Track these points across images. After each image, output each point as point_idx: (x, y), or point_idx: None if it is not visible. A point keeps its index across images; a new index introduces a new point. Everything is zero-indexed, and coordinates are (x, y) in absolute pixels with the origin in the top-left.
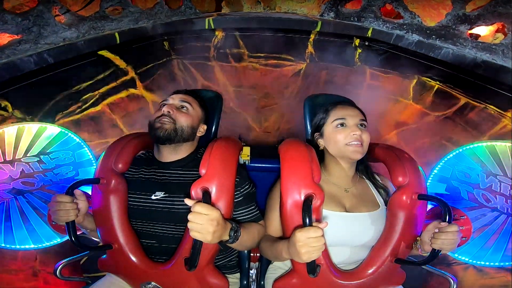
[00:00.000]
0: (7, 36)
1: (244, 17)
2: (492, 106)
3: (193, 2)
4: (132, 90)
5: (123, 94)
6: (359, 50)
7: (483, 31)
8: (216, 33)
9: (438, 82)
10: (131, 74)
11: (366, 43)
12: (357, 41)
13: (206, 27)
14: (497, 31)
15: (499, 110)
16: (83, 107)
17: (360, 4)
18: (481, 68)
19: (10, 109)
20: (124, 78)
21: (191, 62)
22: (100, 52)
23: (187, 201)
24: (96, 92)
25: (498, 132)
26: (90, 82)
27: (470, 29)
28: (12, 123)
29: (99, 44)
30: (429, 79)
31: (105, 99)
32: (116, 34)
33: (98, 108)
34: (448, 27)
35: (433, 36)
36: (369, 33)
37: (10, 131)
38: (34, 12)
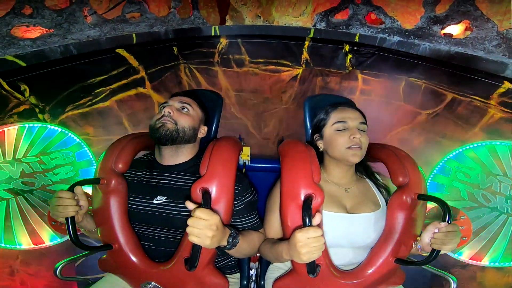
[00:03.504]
0: (38, 31)
1: (246, 25)
2: (476, 97)
3: (201, 13)
4: (140, 89)
5: (132, 92)
6: (350, 55)
7: (455, 30)
8: (221, 40)
9: (424, 81)
10: (142, 73)
11: (355, 48)
12: (347, 47)
13: (212, 33)
14: (466, 29)
15: (483, 100)
16: (94, 100)
17: (347, 14)
18: (456, 59)
19: (27, 94)
20: (135, 76)
21: (197, 67)
22: (117, 50)
23: (188, 204)
24: (108, 87)
25: (487, 122)
26: (104, 76)
27: (442, 28)
28: (25, 109)
29: (118, 42)
30: (416, 79)
31: (115, 95)
32: (134, 35)
33: (107, 103)
34: (423, 28)
35: (412, 36)
36: (357, 38)
37: (10, 131)
38: (68, 10)
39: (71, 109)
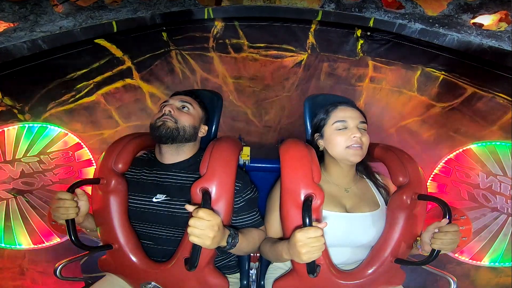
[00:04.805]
0: (3, 25)
1: (244, 6)
2: (500, 95)
3: None
4: (128, 80)
5: (118, 84)
6: (361, 41)
7: (486, 20)
8: (216, 23)
9: (443, 72)
10: (128, 63)
11: (368, 33)
12: (358, 32)
13: (206, 16)
14: (500, 20)
15: (508, 98)
16: (77, 96)
17: None
18: (488, 53)
19: (0, 96)
20: (120, 67)
21: (190, 53)
22: (96, 41)
23: (188, 207)
24: (91, 81)
25: (508, 121)
26: (85, 70)
27: (473, 18)
28: (1, 111)
29: (96, 32)
30: (434, 70)
31: (100, 89)
32: (114, 23)
33: (93, 98)
34: (450, 16)
35: (436, 25)
36: (371, 23)
37: (10, 131)
38: (32, 1)
39: (53, 106)
